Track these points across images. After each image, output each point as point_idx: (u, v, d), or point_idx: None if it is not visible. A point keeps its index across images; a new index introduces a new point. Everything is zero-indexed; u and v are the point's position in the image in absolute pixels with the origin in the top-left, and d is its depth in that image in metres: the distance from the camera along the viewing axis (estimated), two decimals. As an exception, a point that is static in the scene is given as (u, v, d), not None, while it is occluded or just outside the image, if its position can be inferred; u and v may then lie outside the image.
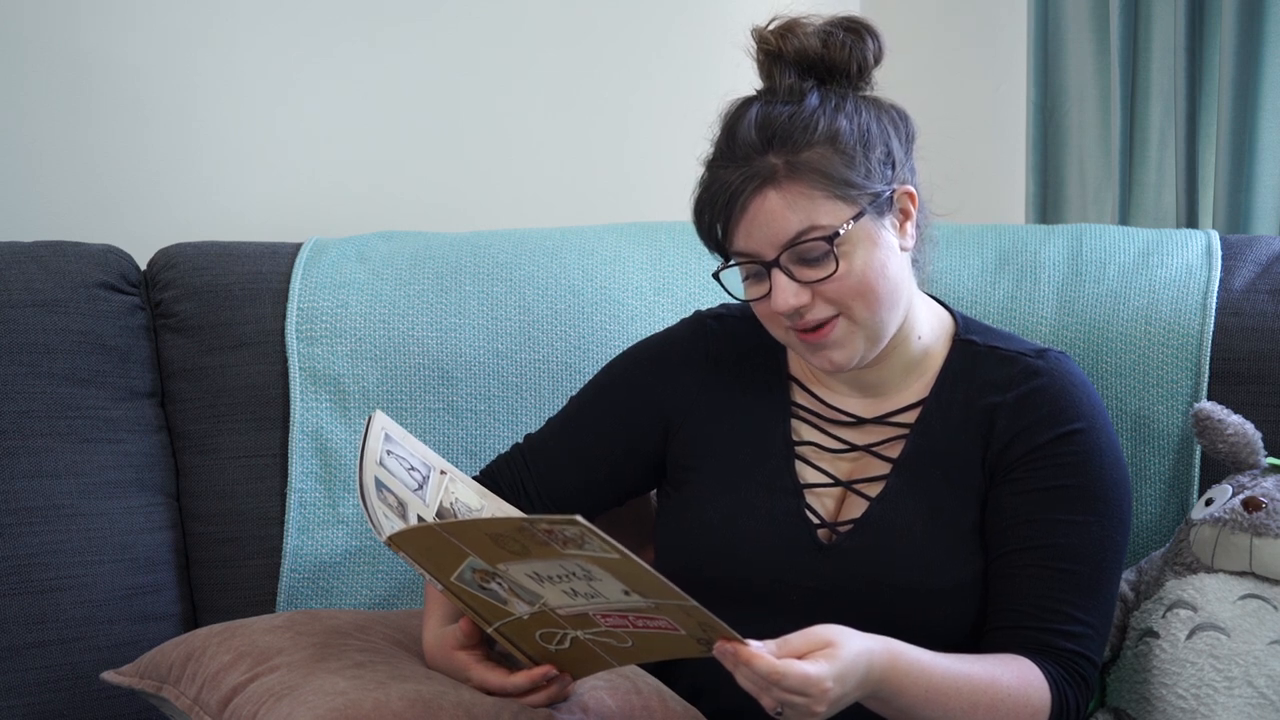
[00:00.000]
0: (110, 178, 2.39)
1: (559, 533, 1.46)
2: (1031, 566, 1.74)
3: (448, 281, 2.17)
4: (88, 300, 2.11)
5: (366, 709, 1.60)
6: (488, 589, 1.59)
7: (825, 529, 1.79)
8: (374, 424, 1.69)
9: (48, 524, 2.03)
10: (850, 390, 1.84)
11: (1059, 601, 1.73)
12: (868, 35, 1.77)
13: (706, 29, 2.68)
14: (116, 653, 2.00)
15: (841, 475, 1.82)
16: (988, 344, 1.84)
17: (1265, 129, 2.36)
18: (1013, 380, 1.80)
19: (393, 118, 2.53)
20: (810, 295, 1.72)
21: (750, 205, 1.71)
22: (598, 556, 1.47)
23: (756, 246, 1.72)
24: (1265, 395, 2.04)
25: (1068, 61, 2.55)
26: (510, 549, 1.51)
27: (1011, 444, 1.77)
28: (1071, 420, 1.78)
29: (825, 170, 1.71)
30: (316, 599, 2.09)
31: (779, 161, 1.71)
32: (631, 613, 1.52)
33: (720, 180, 1.73)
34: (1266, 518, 1.88)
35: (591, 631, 1.57)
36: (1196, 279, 2.11)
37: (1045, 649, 1.72)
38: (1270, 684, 1.82)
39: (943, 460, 1.79)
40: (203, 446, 2.14)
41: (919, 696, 1.63)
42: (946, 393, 1.81)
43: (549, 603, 1.56)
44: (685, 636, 1.53)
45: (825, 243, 1.70)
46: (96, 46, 2.36)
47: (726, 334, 1.89)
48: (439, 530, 1.54)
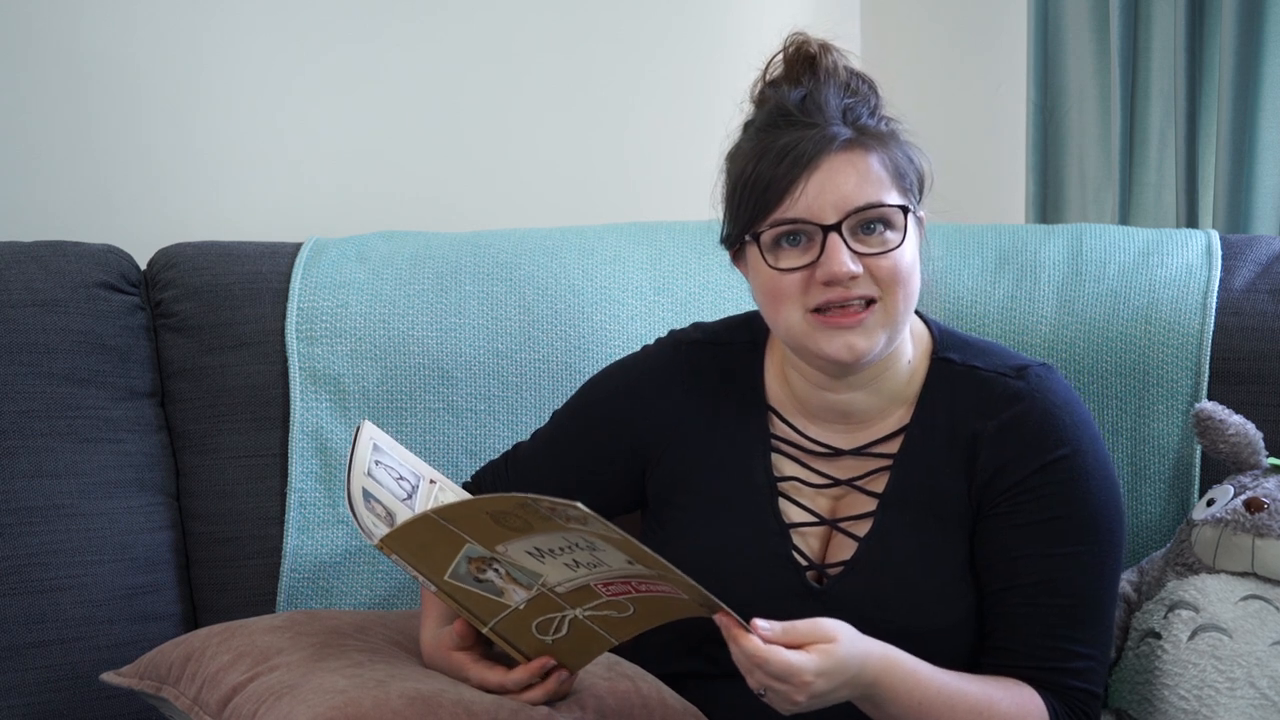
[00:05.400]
0: (110, 178, 2.39)
1: (562, 511, 1.48)
2: (1026, 604, 1.72)
3: (448, 281, 2.17)
4: (88, 300, 2.11)
5: (366, 707, 1.60)
6: (483, 581, 1.59)
7: (814, 571, 1.77)
8: (362, 434, 1.69)
9: (48, 524, 2.03)
10: (830, 418, 1.80)
11: (1057, 638, 1.71)
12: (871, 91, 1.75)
13: (706, 29, 2.68)
14: (116, 653, 2.00)
15: (825, 512, 1.79)
16: (966, 363, 1.79)
17: (1265, 129, 2.36)
18: (994, 406, 1.75)
19: (393, 118, 2.52)
20: (862, 269, 1.68)
21: (824, 164, 1.67)
22: (600, 533, 1.49)
23: (817, 209, 1.67)
24: (1265, 395, 2.04)
25: (1068, 61, 2.55)
26: (512, 525, 1.52)
27: (996, 477, 1.73)
28: (1056, 447, 1.73)
29: (890, 155, 1.71)
30: (316, 599, 2.09)
31: (852, 133, 1.69)
32: (635, 578, 1.54)
33: (784, 139, 1.69)
34: (1268, 518, 1.88)
35: (591, 606, 1.58)
36: (1196, 279, 2.11)
37: (1047, 684, 1.71)
38: (1272, 685, 1.82)
39: (927, 494, 1.75)
40: (203, 446, 2.13)
41: (910, 706, 1.63)
42: (927, 420, 1.77)
43: (548, 581, 1.56)
44: (687, 600, 1.56)
45: (900, 212, 1.69)
46: (96, 46, 2.36)
47: (704, 359, 1.86)
48: (434, 518, 1.54)
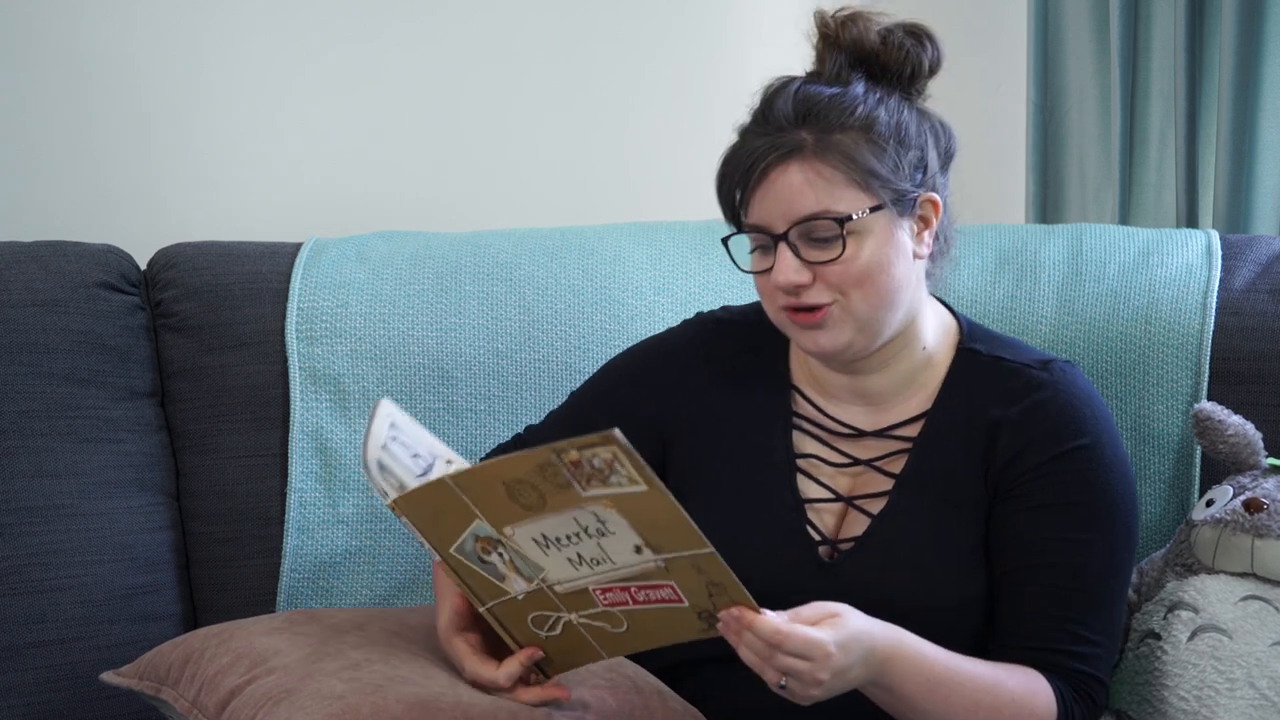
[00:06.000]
0: (110, 178, 2.39)
1: (587, 461, 1.44)
2: (1037, 585, 1.72)
3: (448, 281, 2.16)
4: (88, 300, 2.11)
5: (365, 715, 1.59)
6: (487, 562, 1.57)
7: (826, 546, 1.78)
8: (380, 411, 1.66)
9: (48, 524, 2.03)
10: (852, 400, 1.82)
11: (1066, 621, 1.71)
12: (928, 42, 1.76)
13: (706, 29, 2.68)
14: (116, 653, 2.00)
15: (843, 490, 1.80)
16: (992, 354, 1.81)
17: (1265, 129, 2.35)
18: (1016, 394, 1.77)
19: (393, 118, 2.52)
20: (811, 276, 1.71)
21: (770, 175, 1.70)
22: (620, 493, 1.46)
23: (768, 218, 1.71)
24: (1265, 395, 2.04)
25: (1068, 61, 2.55)
26: (524, 501, 1.49)
27: (1014, 461, 1.74)
28: (1076, 436, 1.74)
29: (852, 155, 1.70)
30: (316, 599, 2.09)
31: (809, 137, 1.70)
32: (635, 583, 1.51)
33: (747, 146, 1.72)
34: (1268, 519, 1.88)
35: (586, 614, 1.56)
36: (1196, 279, 2.11)
37: (1054, 668, 1.71)
38: (1272, 686, 1.82)
39: (945, 476, 1.76)
40: (203, 446, 2.13)
41: (921, 686, 1.62)
42: (949, 405, 1.79)
43: (549, 578, 1.55)
44: (687, 610, 1.52)
45: (836, 225, 1.69)
46: (97, 47, 2.36)
47: (728, 337, 1.88)
48: (449, 484, 1.52)
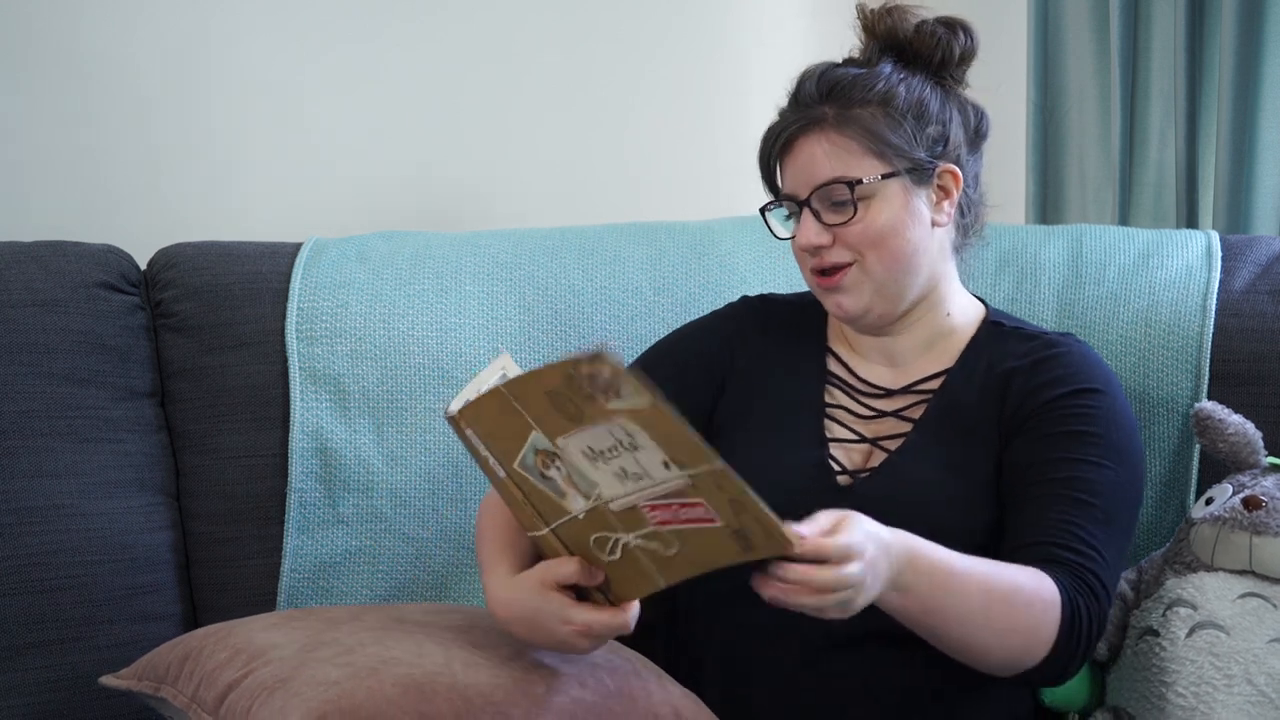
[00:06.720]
0: (110, 178, 2.39)
1: (598, 375, 1.47)
2: (1047, 496, 1.78)
3: (448, 281, 2.17)
4: (87, 300, 2.11)
5: (360, 699, 1.59)
6: (548, 477, 1.59)
7: (846, 475, 1.86)
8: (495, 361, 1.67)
9: (48, 524, 2.03)
10: (880, 360, 1.94)
11: (1072, 524, 1.75)
12: (961, 32, 1.90)
13: (706, 29, 2.68)
14: (116, 653, 2.00)
15: (867, 435, 1.90)
16: (1014, 325, 1.94)
17: (1265, 129, 2.36)
18: (1032, 350, 1.88)
19: (393, 118, 2.52)
20: (831, 238, 1.85)
21: (794, 145, 1.86)
22: (634, 407, 1.48)
23: (795, 186, 1.87)
24: (1265, 396, 2.04)
25: (1068, 61, 2.55)
26: (566, 412, 1.52)
27: (1027, 399, 1.84)
28: (1088, 381, 1.84)
29: (869, 127, 1.84)
30: (316, 599, 2.09)
31: (830, 111, 1.85)
32: (675, 500, 1.54)
33: (779, 123, 1.88)
34: (1266, 516, 1.88)
35: (641, 534, 1.58)
36: (1196, 280, 2.11)
37: (1056, 560, 1.74)
38: (1270, 682, 1.82)
39: (961, 418, 1.86)
40: (203, 446, 2.13)
41: (939, 583, 1.65)
42: (970, 363, 1.90)
43: (603, 494, 1.56)
44: (722, 530, 1.53)
45: (848, 189, 1.83)
46: (97, 46, 2.36)
47: (771, 310, 2.01)
48: (504, 393, 1.55)
